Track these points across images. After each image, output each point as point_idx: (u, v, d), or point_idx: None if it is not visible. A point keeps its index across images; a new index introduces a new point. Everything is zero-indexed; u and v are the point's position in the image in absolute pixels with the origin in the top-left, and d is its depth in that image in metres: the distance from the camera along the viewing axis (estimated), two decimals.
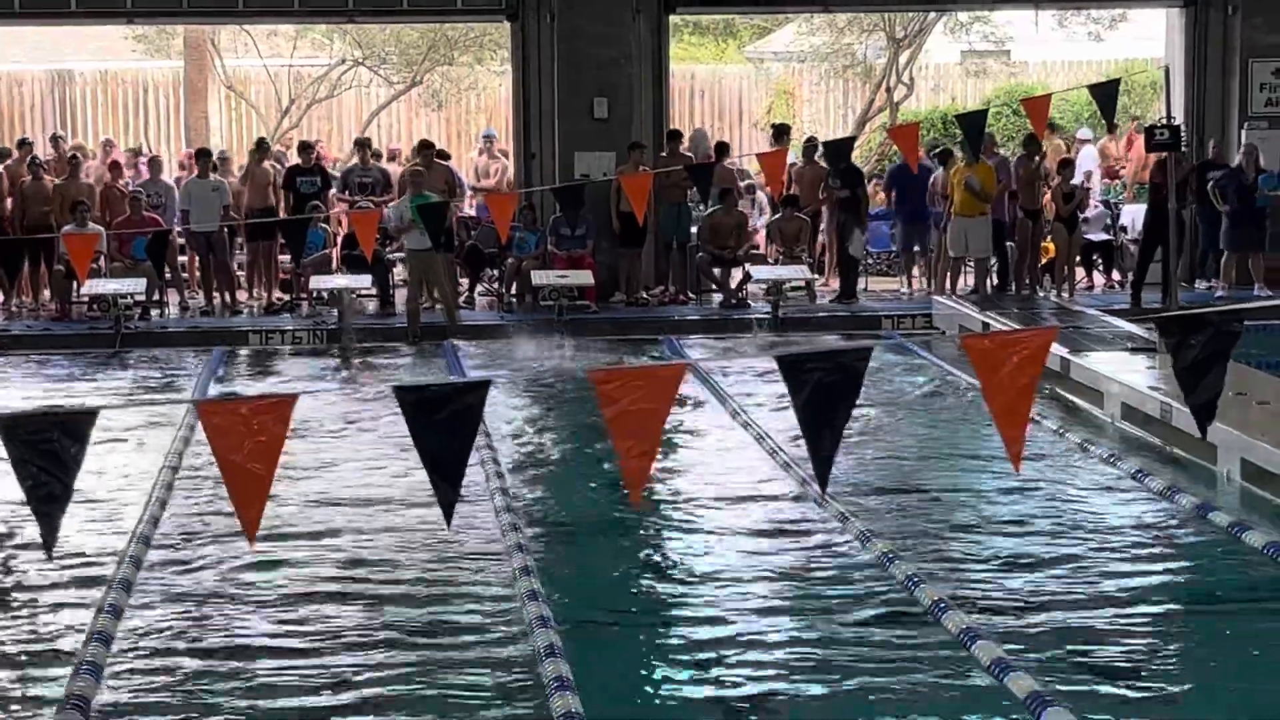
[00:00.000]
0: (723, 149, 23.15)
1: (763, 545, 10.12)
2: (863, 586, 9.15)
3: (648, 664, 8.03)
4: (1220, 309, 5.40)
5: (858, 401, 4.99)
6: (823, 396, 4.57)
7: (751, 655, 8.06)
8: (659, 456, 12.63)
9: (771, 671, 7.82)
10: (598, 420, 14.05)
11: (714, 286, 22.09)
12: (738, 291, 21.58)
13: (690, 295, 21.94)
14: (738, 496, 11.50)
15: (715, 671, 7.86)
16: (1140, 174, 23.42)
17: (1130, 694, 7.49)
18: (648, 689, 7.67)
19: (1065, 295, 21.36)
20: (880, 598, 8.91)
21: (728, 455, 12.96)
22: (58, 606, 8.99)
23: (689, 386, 15.43)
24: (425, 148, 21.82)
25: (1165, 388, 13.27)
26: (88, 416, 4.14)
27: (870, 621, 8.54)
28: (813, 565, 9.63)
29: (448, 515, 4.43)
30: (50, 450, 4.09)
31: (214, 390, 15.95)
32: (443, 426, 4.24)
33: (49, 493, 4.13)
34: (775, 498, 11.38)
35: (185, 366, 18.09)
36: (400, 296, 21.90)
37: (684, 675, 7.84)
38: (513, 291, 21.42)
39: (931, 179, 22.81)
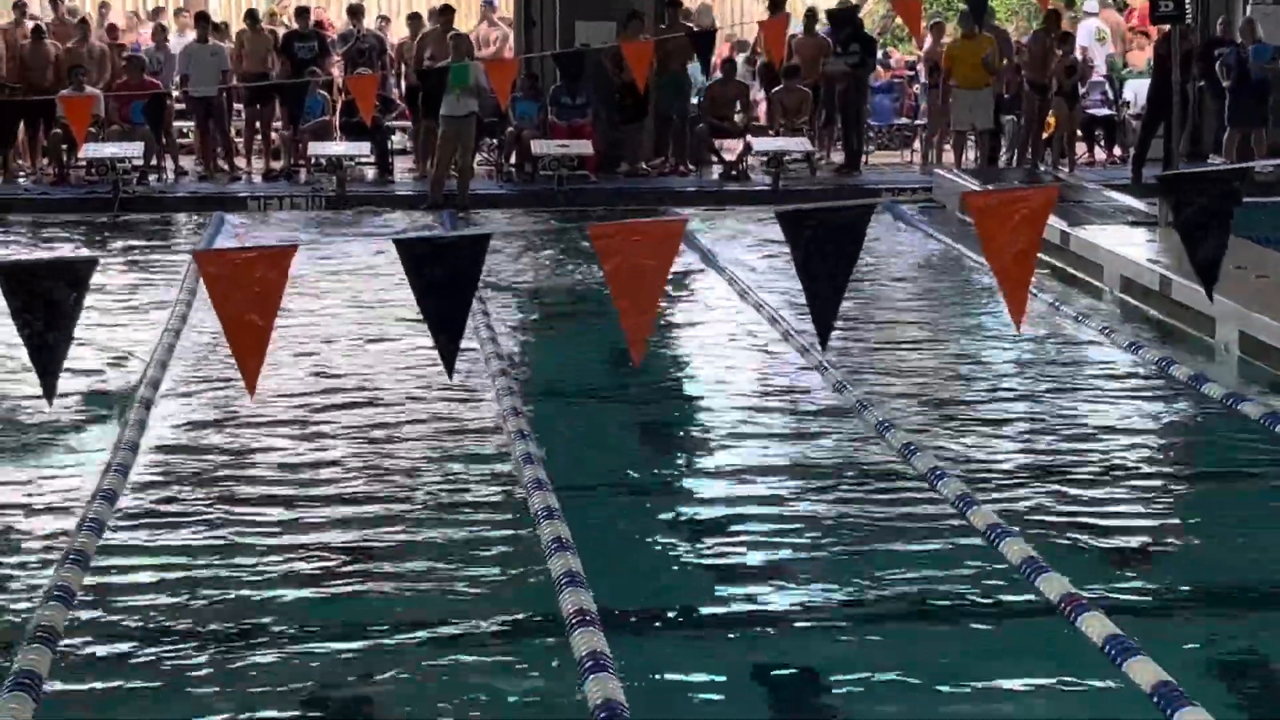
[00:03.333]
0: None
1: (760, 411, 10.13)
2: (859, 453, 9.17)
3: (646, 526, 8.06)
4: (1221, 167, 5.37)
5: (858, 273, 4.98)
6: (825, 253, 4.55)
7: (748, 517, 8.08)
8: (658, 322, 12.70)
9: (767, 535, 7.84)
10: (595, 284, 14.14)
11: (714, 158, 22.01)
12: (738, 163, 21.50)
13: (690, 167, 21.85)
14: (736, 363, 11.54)
15: (712, 533, 7.90)
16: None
17: (1124, 560, 7.52)
18: (646, 550, 7.70)
19: (1066, 170, 21.29)
20: (877, 465, 8.93)
21: (726, 323, 12.97)
22: (63, 459, 9.03)
23: (686, 255, 15.46)
24: (445, 12, 21.54)
25: (1164, 260, 13.27)
26: (87, 265, 4.12)
27: (866, 488, 8.56)
28: (810, 431, 9.65)
29: (449, 367, 4.43)
30: (49, 299, 4.08)
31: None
32: (443, 279, 4.23)
33: (47, 342, 4.13)
34: (773, 365, 11.40)
35: (185, 231, 18.09)
36: (400, 165, 21.86)
37: (681, 536, 7.88)
38: (512, 161, 21.33)
39: (924, 49, 22.86)
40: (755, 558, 7.54)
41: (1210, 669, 6.26)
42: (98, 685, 6.11)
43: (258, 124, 21.88)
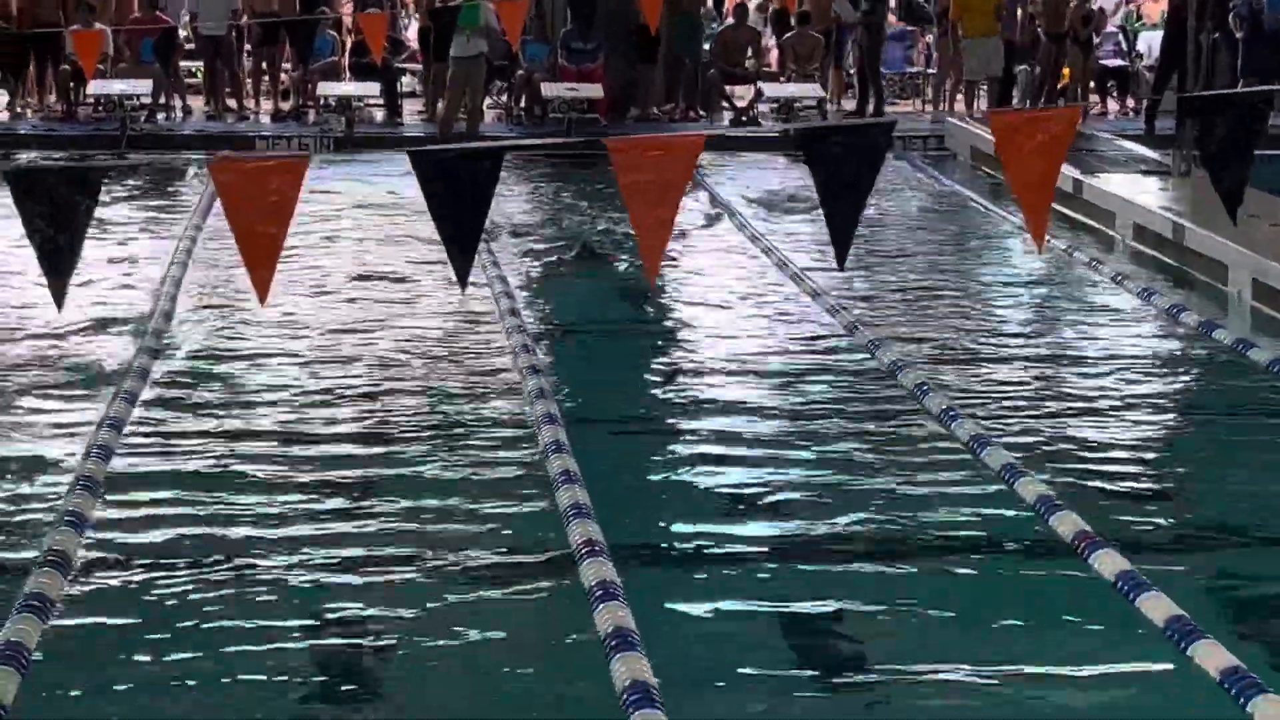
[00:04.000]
0: None
1: (771, 351, 10.09)
2: (871, 394, 9.12)
3: (654, 460, 8.03)
4: (1245, 90, 5.31)
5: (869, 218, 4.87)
6: (844, 170, 4.48)
7: (757, 454, 8.03)
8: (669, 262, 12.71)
9: (778, 472, 7.79)
10: (605, 223, 14.11)
11: (725, 104, 21.91)
12: (749, 109, 21.40)
13: (700, 112, 21.75)
14: (747, 301, 11.51)
15: (722, 468, 7.86)
16: None
17: (1135, 499, 7.47)
18: (654, 483, 7.67)
19: (1079, 120, 21.18)
20: (889, 406, 8.88)
21: (736, 263, 12.97)
22: (72, 387, 9.01)
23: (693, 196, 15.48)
24: None
25: (1178, 208, 13.21)
26: (99, 171, 4.06)
27: (879, 429, 8.51)
28: (821, 372, 9.59)
29: (462, 282, 4.38)
30: (60, 204, 4.03)
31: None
32: (457, 194, 4.17)
33: (59, 246, 4.08)
34: (783, 306, 11.36)
35: (191, 169, 18.04)
36: (409, 107, 21.77)
37: (690, 470, 7.84)
38: (521, 104, 21.23)
39: None
40: (765, 493, 7.49)
41: (1221, 605, 6.21)
42: (105, 611, 6.09)
43: (266, 64, 21.78)
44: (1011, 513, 7.12)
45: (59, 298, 4.17)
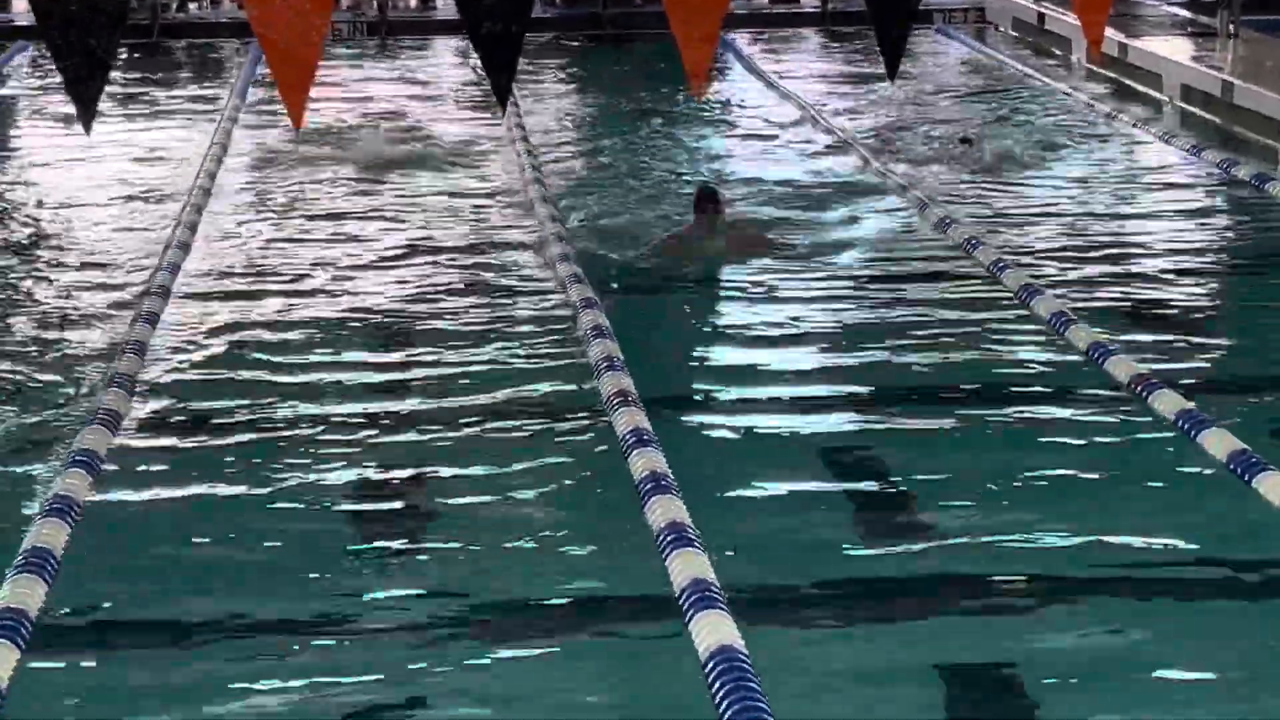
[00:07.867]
0: None
1: (816, 206, 9.98)
2: (921, 249, 9.01)
3: (684, 321, 7.96)
4: None
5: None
6: None
7: (799, 312, 7.90)
8: (697, 126, 12.58)
9: (823, 323, 7.69)
10: (628, 106, 13.91)
11: None
12: None
13: None
14: (787, 165, 11.39)
15: (753, 316, 7.77)
16: None
17: (1185, 346, 7.32)
18: (682, 341, 7.61)
19: None
20: (939, 260, 8.75)
21: (769, 126, 12.86)
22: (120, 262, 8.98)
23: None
24: None
25: (1226, 67, 12.97)
26: None
27: (929, 280, 8.39)
28: (872, 230, 9.49)
29: (502, 101, 4.25)
30: (84, 28, 3.91)
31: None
32: (495, 8, 4.04)
33: (82, 72, 3.96)
34: (829, 165, 11.27)
35: (225, 58, 17.89)
36: None
37: (722, 318, 7.77)
38: None
39: None
40: (802, 341, 7.40)
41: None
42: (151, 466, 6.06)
43: None
44: (1064, 358, 7.01)
45: (86, 123, 4.05)
